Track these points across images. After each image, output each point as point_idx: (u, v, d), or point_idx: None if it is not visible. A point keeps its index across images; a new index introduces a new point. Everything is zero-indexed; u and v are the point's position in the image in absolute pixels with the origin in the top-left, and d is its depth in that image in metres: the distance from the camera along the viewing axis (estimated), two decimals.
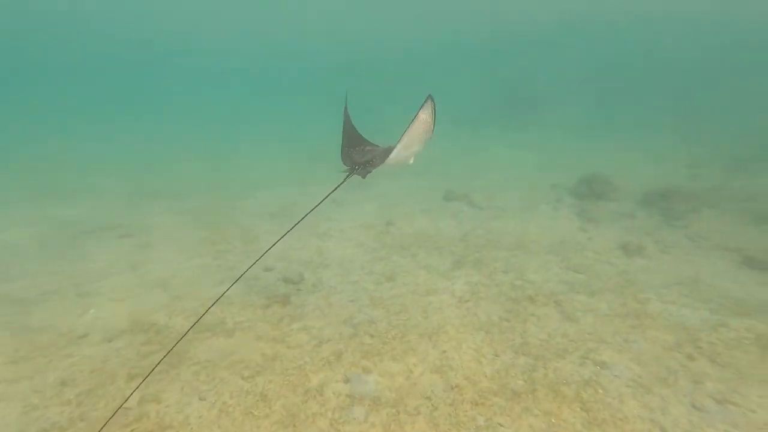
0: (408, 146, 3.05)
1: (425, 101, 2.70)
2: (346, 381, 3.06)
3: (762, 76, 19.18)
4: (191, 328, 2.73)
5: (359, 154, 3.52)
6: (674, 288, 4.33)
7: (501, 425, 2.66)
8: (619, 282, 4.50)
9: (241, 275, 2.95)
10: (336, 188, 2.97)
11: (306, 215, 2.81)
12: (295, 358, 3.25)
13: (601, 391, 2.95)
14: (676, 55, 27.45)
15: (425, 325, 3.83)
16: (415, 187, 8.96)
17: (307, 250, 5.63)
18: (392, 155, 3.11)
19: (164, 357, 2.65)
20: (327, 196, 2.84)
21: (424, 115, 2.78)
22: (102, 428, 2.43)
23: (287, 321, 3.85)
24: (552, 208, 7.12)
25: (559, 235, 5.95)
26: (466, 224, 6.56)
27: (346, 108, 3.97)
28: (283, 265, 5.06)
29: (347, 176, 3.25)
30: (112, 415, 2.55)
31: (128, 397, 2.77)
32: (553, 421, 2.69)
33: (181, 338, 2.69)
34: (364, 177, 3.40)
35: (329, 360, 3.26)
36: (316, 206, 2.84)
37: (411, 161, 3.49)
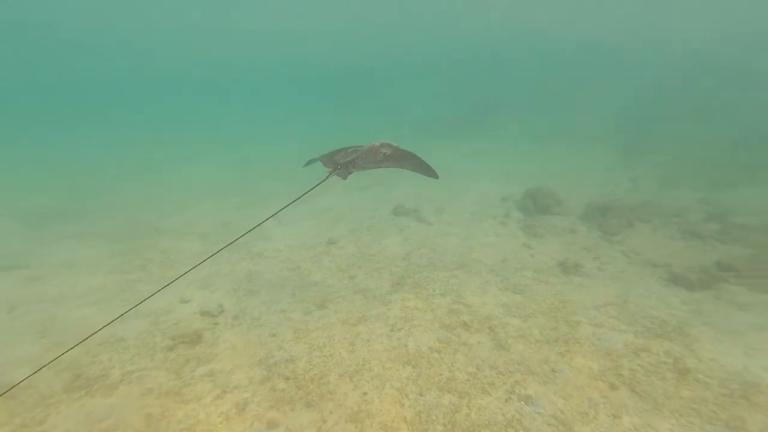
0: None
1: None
2: None
3: (709, 91, 20.89)
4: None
5: (342, 156, 3.57)
6: (604, 309, 4.35)
7: None
8: (553, 303, 4.46)
9: (126, 311, 2.51)
10: (312, 189, 2.87)
11: (248, 231, 2.48)
12: (187, 417, 2.82)
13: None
14: (628, 67, 29.49)
15: (349, 361, 3.54)
16: (365, 200, 8.70)
17: (236, 275, 5.18)
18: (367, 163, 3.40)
19: None
20: (299, 198, 2.76)
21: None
22: None
23: (192, 365, 3.40)
24: (500, 223, 7.12)
25: (502, 252, 5.90)
26: (412, 241, 6.37)
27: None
28: (203, 295, 4.58)
29: (327, 176, 3.23)
30: None
31: None
32: None
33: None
34: (344, 178, 3.44)
35: (229, 415, 2.87)
36: (274, 213, 2.58)
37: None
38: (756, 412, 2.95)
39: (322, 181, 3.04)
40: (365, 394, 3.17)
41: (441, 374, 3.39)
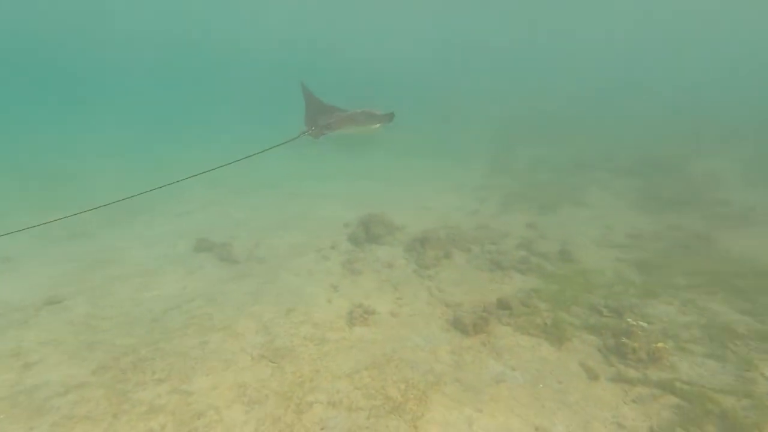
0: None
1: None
2: None
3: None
4: None
5: (324, 119, 3.94)
6: (359, 376, 3.77)
7: None
8: (303, 375, 3.70)
9: None
10: (279, 145, 3.17)
11: None
12: None
13: None
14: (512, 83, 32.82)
15: None
16: (165, 231, 7.36)
17: None
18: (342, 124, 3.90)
19: None
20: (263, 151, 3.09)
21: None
22: None
23: None
24: (322, 257, 6.51)
25: (297, 300, 5.12)
26: (190, 290, 5.23)
27: (303, 86, 4.37)
28: None
29: (298, 135, 3.66)
30: None
31: None
32: None
33: None
34: (316, 138, 3.89)
35: None
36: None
37: (376, 126, 4.04)
38: None
39: (291, 140, 3.38)
40: None
41: None
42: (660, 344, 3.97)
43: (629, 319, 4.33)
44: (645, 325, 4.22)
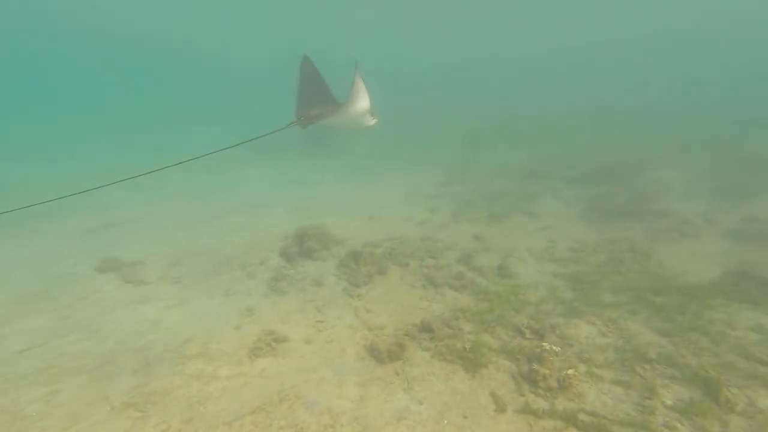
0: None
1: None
2: None
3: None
4: None
5: (317, 108, 4.00)
6: (238, 425, 3.28)
7: None
8: (161, 431, 3.23)
9: None
10: (267, 134, 3.41)
11: None
12: None
13: None
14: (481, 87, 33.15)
15: None
16: (71, 249, 6.68)
17: None
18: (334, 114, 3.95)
19: None
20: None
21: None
22: None
23: None
24: (246, 275, 6.11)
25: (196, 327, 4.65)
26: (72, 321, 4.68)
27: (307, 61, 4.19)
28: None
29: (288, 125, 3.82)
30: None
31: None
32: None
33: None
34: (303, 127, 4.08)
35: None
36: None
37: (371, 123, 4.18)
38: None
39: (278, 130, 3.49)
40: None
41: None
42: (570, 371, 3.82)
43: (544, 344, 4.17)
44: (557, 349, 4.07)
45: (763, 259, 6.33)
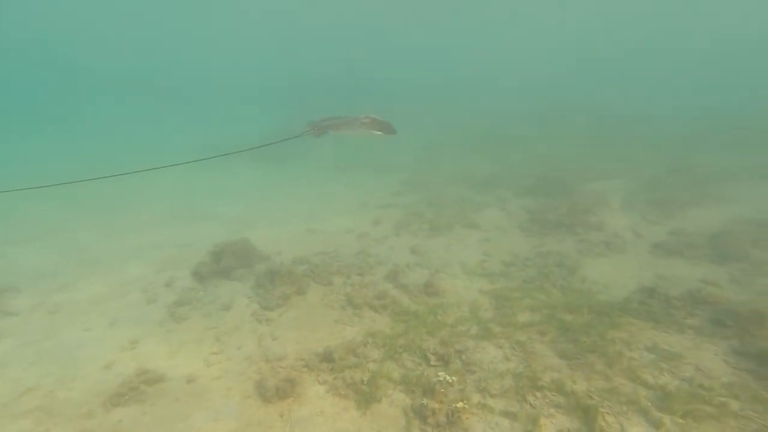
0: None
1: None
2: None
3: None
4: None
5: (328, 120, 4.66)
6: None
7: None
8: None
9: None
10: (285, 140, 4.10)
11: None
12: None
13: None
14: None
15: None
16: None
17: None
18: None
19: None
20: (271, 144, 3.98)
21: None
22: None
23: None
24: (146, 299, 5.59)
25: (53, 367, 4.07)
26: None
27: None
28: None
29: (302, 134, 4.38)
30: None
31: None
32: None
33: None
34: (317, 136, 4.66)
35: None
36: None
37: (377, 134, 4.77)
38: None
39: (295, 136, 4.18)
40: None
41: None
42: (460, 404, 3.64)
43: (440, 373, 3.99)
44: (450, 380, 3.88)
45: (678, 273, 6.51)
